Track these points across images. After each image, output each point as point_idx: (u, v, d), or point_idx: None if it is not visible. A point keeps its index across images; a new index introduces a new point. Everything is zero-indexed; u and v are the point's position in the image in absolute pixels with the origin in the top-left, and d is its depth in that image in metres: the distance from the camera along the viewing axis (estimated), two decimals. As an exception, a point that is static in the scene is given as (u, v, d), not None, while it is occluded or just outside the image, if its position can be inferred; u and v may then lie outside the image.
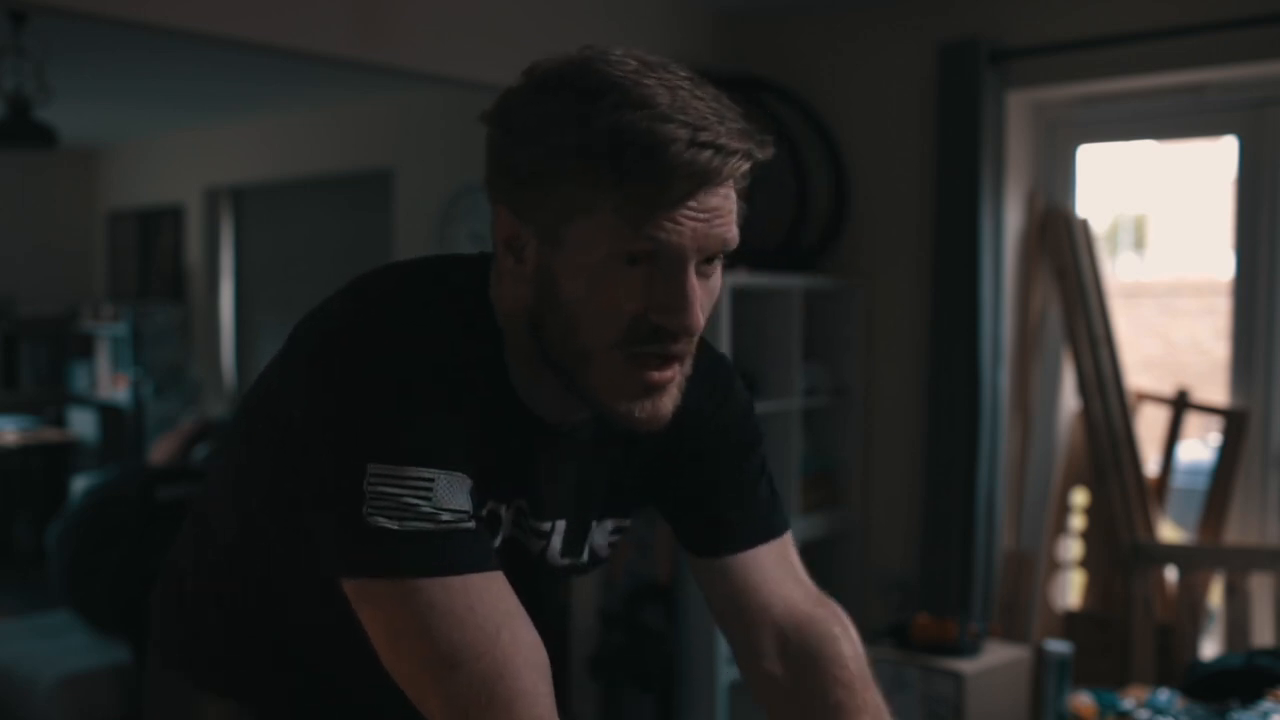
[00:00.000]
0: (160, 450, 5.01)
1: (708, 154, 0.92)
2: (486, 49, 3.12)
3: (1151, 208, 8.13)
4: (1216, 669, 2.73)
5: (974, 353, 3.30)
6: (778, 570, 1.21)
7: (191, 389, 6.33)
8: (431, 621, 0.95)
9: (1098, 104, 3.44)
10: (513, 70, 1.03)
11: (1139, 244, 8.42)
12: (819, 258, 3.67)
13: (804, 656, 1.17)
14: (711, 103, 0.95)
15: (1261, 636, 3.12)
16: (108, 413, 6.43)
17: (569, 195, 0.94)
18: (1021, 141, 3.46)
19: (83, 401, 6.62)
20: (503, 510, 1.10)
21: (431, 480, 0.96)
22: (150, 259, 6.72)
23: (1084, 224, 3.45)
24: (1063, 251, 3.41)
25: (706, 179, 0.93)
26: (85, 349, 6.65)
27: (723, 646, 3.45)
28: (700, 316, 0.98)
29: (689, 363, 1.03)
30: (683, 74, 0.97)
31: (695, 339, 1.01)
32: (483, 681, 0.94)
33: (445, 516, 0.97)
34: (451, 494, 0.97)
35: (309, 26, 2.80)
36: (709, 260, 0.98)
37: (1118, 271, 7.75)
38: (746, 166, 0.95)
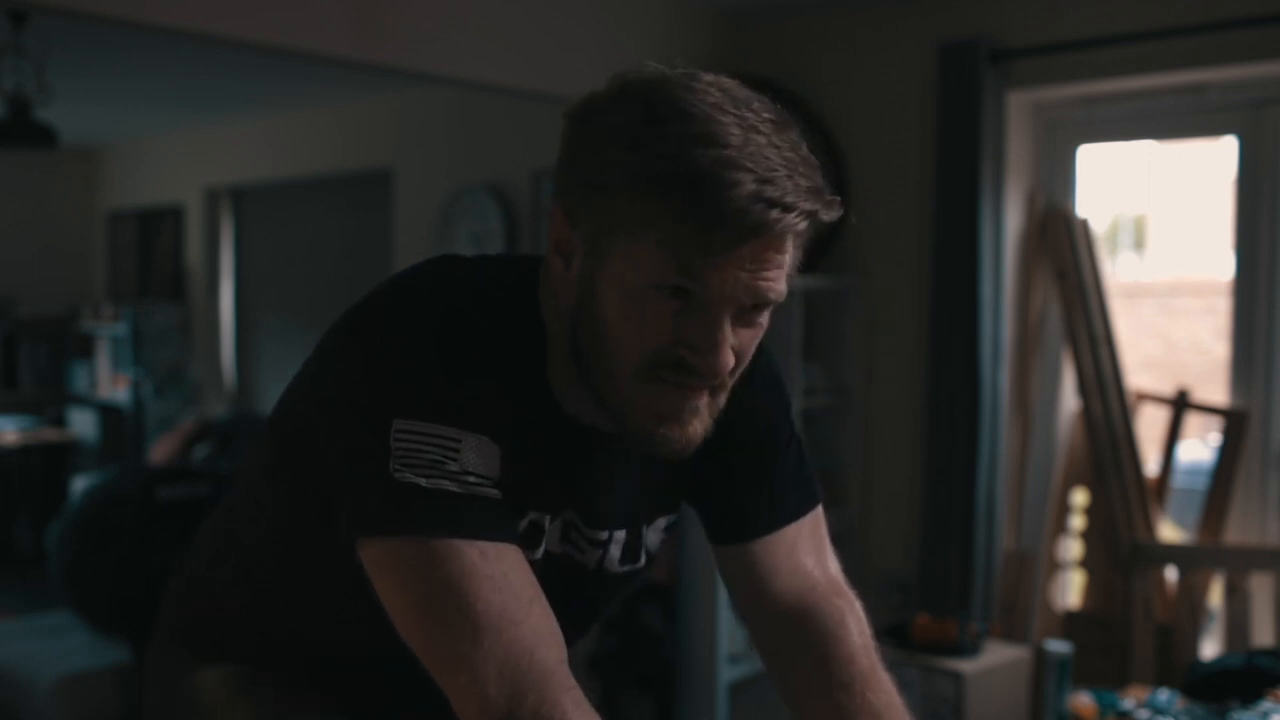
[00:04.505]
0: (160, 450, 5.02)
1: (761, 207, 0.88)
2: (486, 49, 3.12)
3: (1151, 208, 8.13)
4: (1216, 669, 2.73)
5: (974, 352, 3.30)
6: (794, 555, 1.20)
7: (191, 389, 6.33)
8: (469, 584, 0.91)
9: (1098, 104, 3.44)
10: (513, 70, 1.03)
11: (1139, 244, 8.42)
12: (819, 258, 3.67)
13: (809, 650, 1.16)
14: (787, 152, 0.91)
15: (1261, 636, 3.12)
16: (108, 413, 6.43)
17: (618, 215, 0.92)
18: (1021, 141, 3.46)
19: (83, 401, 6.62)
20: (546, 521, 1.08)
21: (458, 441, 0.94)
22: (150, 259, 6.72)
23: (1084, 224, 3.45)
24: (1063, 251, 3.41)
25: (759, 232, 0.90)
26: (85, 349, 6.65)
27: (723, 646, 3.45)
28: (727, 362, 0.95)
29: (723, 396, 1.01)
30: (766, 114, 0.93)
31: (723, 378, 0.98)
32: (521, 649, 0.91)
33: (471, 479, 0.94)
34: (479, 458, 0.95)
35: (309, 26, 2.80)
36: (755, 307, 0.96)
37: (1118, 271, 7.75)
38: (804, 225, 0.91)
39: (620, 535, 1.15)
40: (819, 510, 1.23)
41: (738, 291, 0.92)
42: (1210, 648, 3.39)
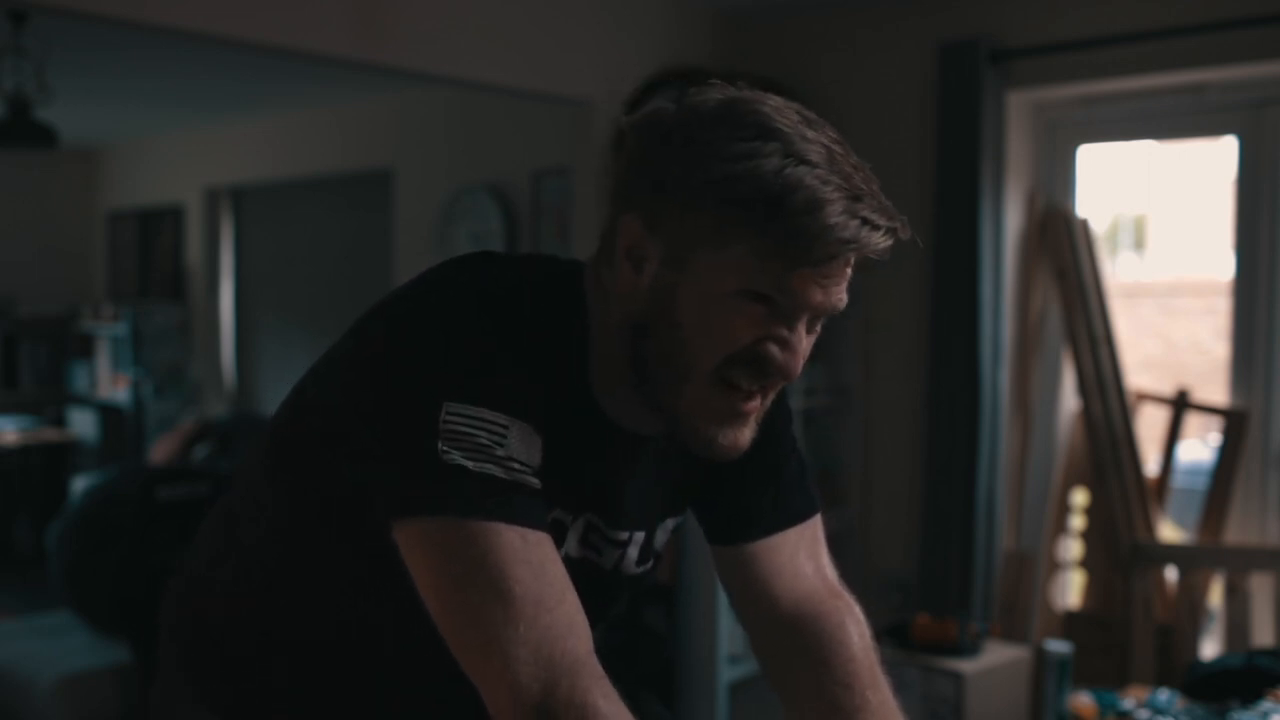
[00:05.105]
0: (160, 450, 5.02)
1: (856, 225, 0.93)
2: (486, 49, 3.12)
3: (1151, 208, 8.14)
4: (1216, 669, 2.73)
5: (974, 353, 3.30)
6: (795, 559, 1.21)
7: (191, 389, 6.33)
8: (507, 567, 0.92)
9: (1098, 104, 3.44)
10: (513, 70, 1.03)
11: (1139, 244, 8.43)
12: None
13: (809, 652, 1.17)
14: (862, 172, 0.95)
15: (1261, 636, 3.12)
16: (108, 413, 6.43)
17: (709, 226, 0.95)
18: (1021, 141, 3.46)
19: (83, 401, 6.62)
20: (569, 520, 1.09)
21: (506, 427, 0.95)
22: (150, 259, 6.72)
23: (1084, 224, 3.45)
24: (1063, 251, 3.41)
25: (849, 249, 0.94)
26: (85, 349, 6.65)
27: (723, 646, 3.45)
28: (800, 366, 1.00)
29: (770, 401, 1.05)
30: (832, 134, 0.97)
31: (790, 380, 1.02)
32: (555, 636, 0.92)
33: (515, 466, 0.95)
34: (523, 446, 0.96)
35: (309, 26, 2.80)
36: (816, 317, 1.00)
37: (1118, 271, 7.75)
38: (889, 243, 0.96)
39: (639, 536, 1.16)
40: (818, 518, 1.25)
41: (814, 302, 0.97)
42: (1210, 648, 3.39)
